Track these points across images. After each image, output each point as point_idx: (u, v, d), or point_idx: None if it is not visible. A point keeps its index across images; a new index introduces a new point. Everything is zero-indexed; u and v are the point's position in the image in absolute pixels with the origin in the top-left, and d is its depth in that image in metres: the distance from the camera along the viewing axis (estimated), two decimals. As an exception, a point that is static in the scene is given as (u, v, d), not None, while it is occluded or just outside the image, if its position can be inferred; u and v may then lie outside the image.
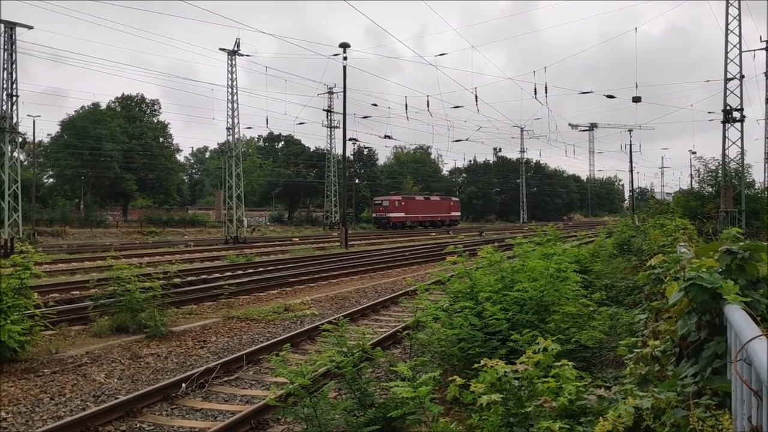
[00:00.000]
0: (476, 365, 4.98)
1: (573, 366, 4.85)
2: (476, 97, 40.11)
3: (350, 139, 66.36)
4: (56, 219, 57.70)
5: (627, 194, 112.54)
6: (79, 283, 18.74)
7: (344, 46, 36.72)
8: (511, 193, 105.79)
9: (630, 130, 72.51)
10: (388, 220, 67.42)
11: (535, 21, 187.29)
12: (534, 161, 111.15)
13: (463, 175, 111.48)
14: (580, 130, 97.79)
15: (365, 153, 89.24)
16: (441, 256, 26.41)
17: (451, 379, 5.13)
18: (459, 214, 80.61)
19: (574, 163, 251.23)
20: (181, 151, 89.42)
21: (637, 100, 49.69)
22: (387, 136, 56.93)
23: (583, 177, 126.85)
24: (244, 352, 9.42)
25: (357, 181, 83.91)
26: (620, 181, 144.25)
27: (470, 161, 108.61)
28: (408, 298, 14.27)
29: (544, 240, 12.01)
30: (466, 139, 65.95)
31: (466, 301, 7.85)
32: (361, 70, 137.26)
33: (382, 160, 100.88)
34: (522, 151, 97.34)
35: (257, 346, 9.97)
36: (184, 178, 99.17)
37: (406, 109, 45.16)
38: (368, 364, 6.56)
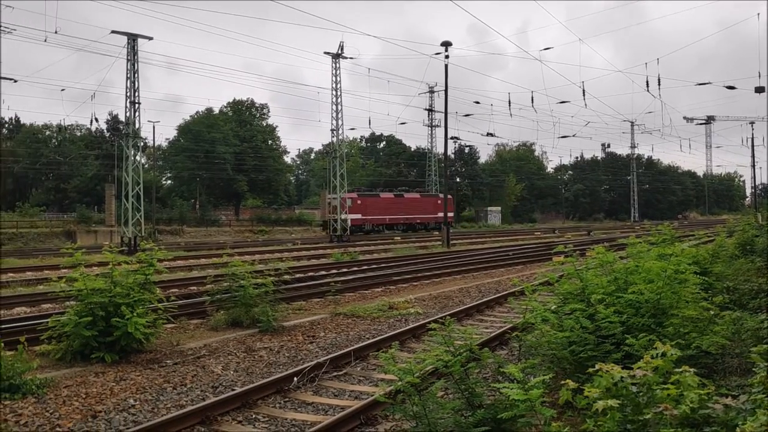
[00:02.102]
0: (590, 369, 4.83)
1: (694, 372, 4.59)
2: (583, 91, 38.75)
3: (452, 138, 66.17)
4: (174, 218, 61.34)
5: (749, 191, 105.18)
6: (196, 279, 19.81)
7: (446, 44, 36.62)
8: (620, 190, 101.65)
9: (752, 123, 67.69)
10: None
11: (644, 10, 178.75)
12: (646, 157, 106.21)
13: (570, 172, 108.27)
14: (696, 124, 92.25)
15: (466, 151, 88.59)
16: (547, 256, 25.81)
17: (563, 382, 5.00)
18: (451, 214, 62.61)
19: (689, 159, 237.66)
20: (288, 152, 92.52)
21: (760, 90, 46.29)
22: (489, 134, 55.91)
23: (700, 173, 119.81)
24: (352, 348, 9.60)
25: (458, 179, 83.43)
26: (741, 177, 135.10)
27: (577, 158, 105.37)
28: (514, 299, 14.04)
29: (659, 240, 11.44)
30: (573, 135, 63.60)
31: (576, 302, 7.61)
32: (463, 67, 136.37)
33: (483, 158, 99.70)
34: (633, 147, 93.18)
35: (364, 343, 10.14)
36: (291, 178, 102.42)
37: (510, 105, 44.37)
38: (475, 364, 6.51)
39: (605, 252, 8.82)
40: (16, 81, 42.83)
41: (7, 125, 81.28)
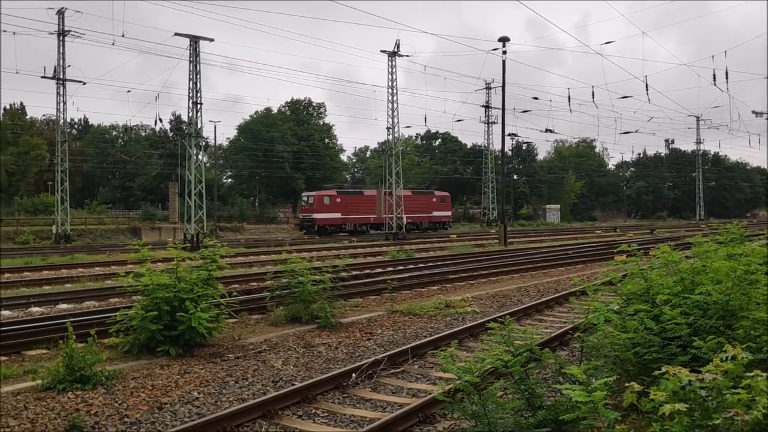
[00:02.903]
0: (656, 372, 4.70)
1: (767, 377, 4.40)
2: (647, 85, 37.74)
3: (509, 135, 65.35)
4: (234, 216, 62.74)
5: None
6: (256, 275, 20.22)
7: (504, 40, 36.19)
8: (685, 188, 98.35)
9: (828, 116, 64.28)
10: (312, 223, 50.55)
11: (709, 1, 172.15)
12: (712, 153, 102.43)
13: (631, 169, 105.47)
14: (767, 118, 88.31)
15: (524, 148, 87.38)
16: (608, 255, 25.21)
17: (627, 385, 4.88)
18: (449, 213, 61.35)
19: (758, 155, 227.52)
20: (345, 151, 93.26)
21: (838, 81, 43.97)
22: (548, 130, 54.88)
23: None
24: (409, 346, 9.62)
25: (515, 177, 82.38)
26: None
27: (639, 154, 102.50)
28: (575, 299, 13.77)
29: (727, 239, 11.03)
30: (635, 131, 61.74)
31: (640, 303, 7.43)
32: (521, 63, 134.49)
33: (542, 155, 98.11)
34: (698, 143, 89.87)
35: (421, 341, 10.14)
36: (347, 176, 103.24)
37: (569, 101, 43.54)
38: (536, 365, 6.43)
39: (670, 251, 8.56)
40: (84, 83, 44.44)
41: (76, 126, 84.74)
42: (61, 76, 42.22)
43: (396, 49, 45.80)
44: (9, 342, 10.26)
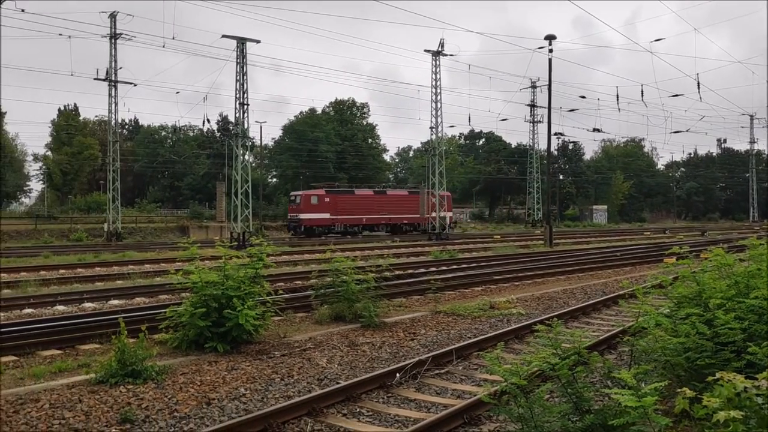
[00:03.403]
0: (709, 378, 4.58)
1: (829, 386, 4.24)
2: (698, 83, 36.73)
3: (555, 134, 64.43)
4: (279, 215, 63.58)
5: None
6: (301, 273, 20.43)
7: (550, 38, 35.73)
8: (737, 188, 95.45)
9: None
10: (299, 223, 48.36)
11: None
12: (766, 152, 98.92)
13: (682, 169, 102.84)
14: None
15: (570, 148, 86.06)
16: (658, 257, 24.65)
17: (678, 390, 4.76)
18: (450, 214, 56.19)
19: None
20: (388, 150, 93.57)
21: None
22: (596, 129, 53.86)
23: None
24: (454, 347, 9.58)
25: (561, 177, 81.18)
26: None
27: (690, 154, 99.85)
28: (625, 302, 13.51)
29: (784, 241, 10.63)
30: (686, 130, 60.11)
31: (692, 307, 7.24)
32: (567, 61, 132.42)
33: (588, 155, 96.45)
34: (752, 142, 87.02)
35: (465, 342, 10.08)
36: (390, 176, 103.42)
37: (617, 99, 42.73)
38: (583, 368, 6.33)
39: (723, 254, 8.32)
40: (135, 85, 45.70)
41: (127, 126, 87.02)
42: (113, 78, 43.45)
43: (440, 49, 45.67)
44: (64, 336, 10.61)
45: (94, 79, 43.57)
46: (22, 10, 24.88)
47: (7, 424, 6.43)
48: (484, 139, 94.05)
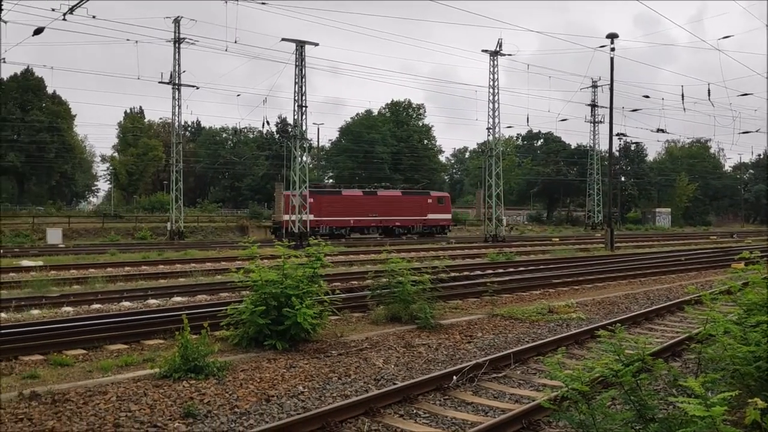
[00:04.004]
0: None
1: None
2: (769, 82, 35.03)
3: (617, 134, 62.78)
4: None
5: None
6: (357, 273, 20.56)
7: (612, 36, 34.93)
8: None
9: None
10: (280, 225, 45.80)
11: None
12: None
13: (751, 171, 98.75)
14: None
15: (632, 148, 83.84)
16: (725, 262, 23.75)
17: (750, 401, 4.57)
18: (448, 216, 54.03)
19: None
20: (443, 152, 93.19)
21: None
22: (660, 130, 52.20)
23: None
24: (511, 350, 9.45)
25: (623, 178, 79.15)
26: None
27: (759, 155, 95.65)
28: (692, 308, 13.07)
29: None
30: (756, 131, 57.57)
31: (763, 314, 6.93)
32: (629, 60, 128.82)
33: (651, 156, 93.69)
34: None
35: (524, 346, 9.94)
36: (446, 177, 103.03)
37: (683, 99, 41.28)
38: (647, 375, 6.15)
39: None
40: (198, 88, 46.93)
41: (190, 128, 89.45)
42: (177, 82, 44.77)
43: (498, 48, 45.21)
44: (129, 331, 10.97)
45: (159, 82, 45.04)
46: (93, 17, 25.90)
47: (77, 414, 6.69)
48: (542, 140, 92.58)
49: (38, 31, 22.33)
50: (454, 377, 8.02)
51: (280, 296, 9.96)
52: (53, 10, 22.97)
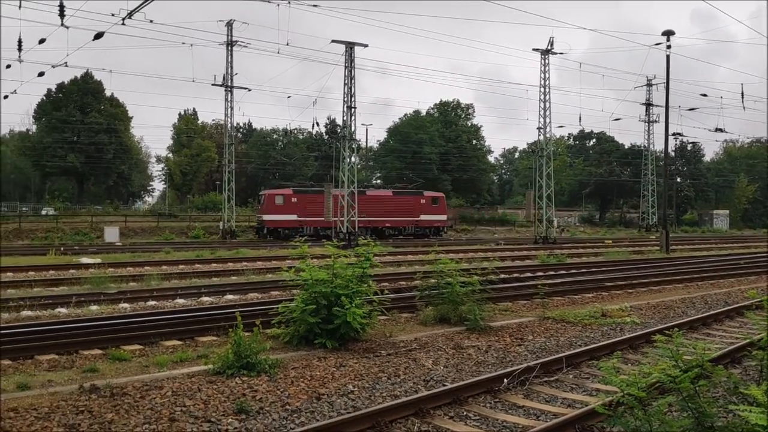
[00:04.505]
0: None
1: None
2: (837, 78, 33.54)
3: (672, 134, 61.13)
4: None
5: None
6: (404, 274, 20.57)
7: (668, 33, 34.05)
8: None
9: None
10: (263, 225, 45.67)
11: None
12: None
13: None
14: None
15: (689, 148, 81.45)
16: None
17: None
18: (443, 218, 51.98)
19: None
20: (492, 152, 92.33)
21: None
22: (718, 129, 50.52)
23: None
24: (564, 354, 9.29)
25: (678, 179, 76.95)
26: None
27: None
28: (754, 313, 12.61)
29: None
30: (821, 130, 55.53)
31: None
32: (686, 57, 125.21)
33: (709, 156, 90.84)
34: None
35: (576, 350, 9.76)
36: (494, 178, 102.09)
37: (742, 97, 39.93)
38: (706, 382, 5.96)
39: None
40: (249, 90, 47.75)
41: (241, 130, 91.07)
42: (229, 84, 45.61)
43: (549, 47, 44.53)
44: (184, 328, 11.23)
45: (212, 84, 45.97)
46: (151, 21, 26.64)
47: (134, 408, 6.88)
48: (594, 140, 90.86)
49: (98, 36, 23.11)
50: (505, 380, 7.92)
51: (330, 295, 10.04)
52: (113, 15, 23.75)
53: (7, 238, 41.04)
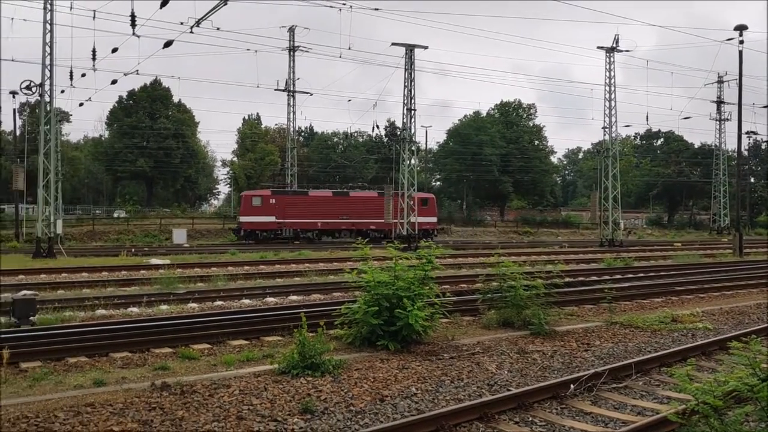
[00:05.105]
0: None
1: None
2: None
3: (746, 133, 58.67)
4: (443, 218, 64.03)
5: None
6: (466, 277, 20.42)
7: (741, 28, 32.67)
8: None
9: None
10: (240, 227, 44.48)
11: None
12: None
13: None
14: None
15: (763, 147, 77.86)
16: None
17: None
18: (432, 219, 48.52)
19: None
20: (555, 152, 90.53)
21: None
22: (795, 127, 48.36)
23: None
24: (633, 360, 9.02)
25: (752, 179, 73.69)
26: None
27: None
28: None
29: None
30: None
31: None
32: (760, 52, 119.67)
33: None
34: None
35: (646, 356, 9.47)
36: (557, 179, 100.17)
37: (823, 93, 37.81)
38: (788, 392, 5.67)
39: None
40: (311, 94, 48.49)
41: (303, 133, 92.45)
42: (291, 89, 46.44)
43: (615, 45, 43.44)
44: (250, 328, 11.47)
45: (275, 89, 46.93)
46: (218, 28, 27.37)
47: (203, 405, 7.07)
48: (662, 139, 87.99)
49: (168, 44, 23.92)
50: (572, 386, 7.76)
51: (392, 297, 10.06)
52: (181, 23, 24.52)
53: (81, 240, 42.95)
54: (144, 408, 6.93)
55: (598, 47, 44.18)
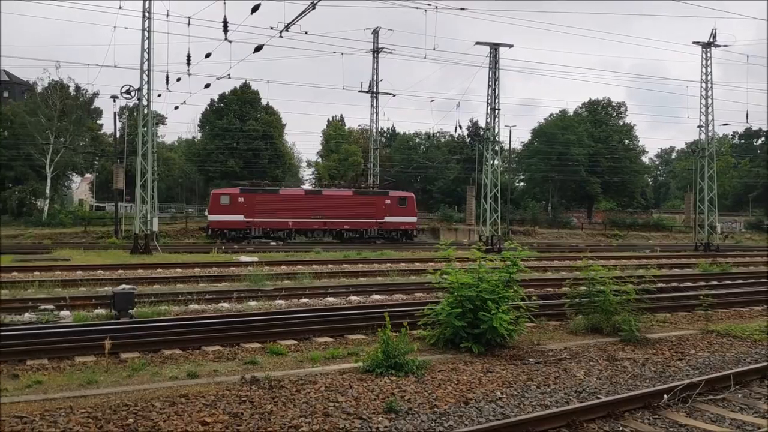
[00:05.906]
0: None
1: None
2: None
3: None
4: (527, 219, 63.01)
5: None
6: (551, 280, 19.96)
7: None
8: None
9: None
10: (207, 227, 43.36)
11: None
12: None
13: None
14: None
15: None
16: None
17: None
18: (412, 219, 46.72)
19: None
20: (647, 152, 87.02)
21: None
22: None
23: None
24: (732, 371, 8.55)
25: None
26: None
27: None
28: None
29: None
30: None
31: None
32: None
33: None
34: None
35: (746, 367, 8.96)
36: (649, 180, 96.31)
37: None
38: None
39: None
40: (394, 95, 48.75)
41: (385, 134, 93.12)
42: (375, 90, 46.87)
43: (711, 39, 41.36)
44: (335, 325, 11.67)
45: (359, 91, 47.51)
46: (306, 32, 28.00)
47: (291, 401, 7.25)
48: (763, 138, 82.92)
49: (258, 49, 24.67)
50: (665, 396, 7.44)
51: (476, 300, 9.99)
52: (271, 28, 25.25)
53: (175, 237, 44.90)
54: (234, 401, 7.18)
55: (694, 42, 42.29)
